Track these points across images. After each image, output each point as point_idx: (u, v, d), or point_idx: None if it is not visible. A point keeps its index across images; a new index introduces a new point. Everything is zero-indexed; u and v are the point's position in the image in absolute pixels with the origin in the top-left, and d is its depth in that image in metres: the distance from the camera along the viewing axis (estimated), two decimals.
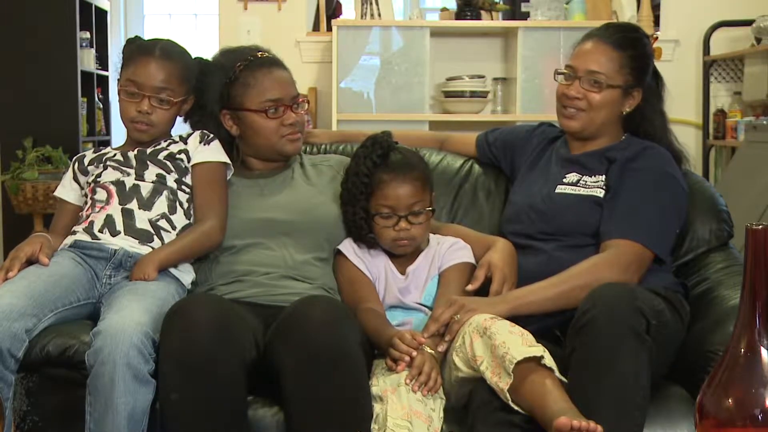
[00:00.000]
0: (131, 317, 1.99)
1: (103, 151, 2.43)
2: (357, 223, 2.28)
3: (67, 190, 2.43)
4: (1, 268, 2.15)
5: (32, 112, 5.06)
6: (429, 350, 2.03)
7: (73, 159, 2.46)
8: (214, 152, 2.37)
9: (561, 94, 2.37)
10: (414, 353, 2.00)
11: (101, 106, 5.89)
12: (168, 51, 2.37)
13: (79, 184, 2.41)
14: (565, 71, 2.38)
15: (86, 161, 2.41)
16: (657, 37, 2.32)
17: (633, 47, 2.36)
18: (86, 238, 2.25)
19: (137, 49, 2.37)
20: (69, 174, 2.44)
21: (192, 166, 2.36)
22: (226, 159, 2.38)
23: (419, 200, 2.25)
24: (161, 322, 1.99)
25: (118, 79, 2.40)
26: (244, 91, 2.37)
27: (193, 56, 2.48)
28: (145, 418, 1.96)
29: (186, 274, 2.27)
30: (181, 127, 2.49)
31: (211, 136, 2.39)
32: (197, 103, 2.45)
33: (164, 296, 2.12)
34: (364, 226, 2.28)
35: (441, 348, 2.04)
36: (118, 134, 2.31)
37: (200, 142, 2.37)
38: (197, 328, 1.94)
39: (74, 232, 2.28)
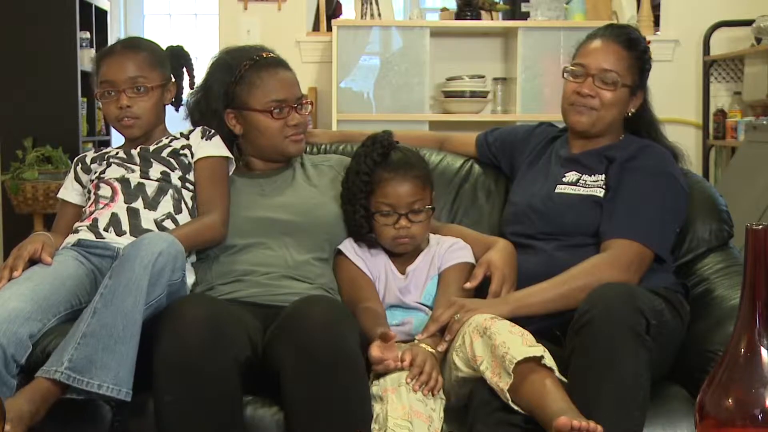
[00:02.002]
0: (166, 234, 2.10)
1: (105, 150, 2.44)
2: (357, 222, 2.28)
3: (69, 192, 2.43)
4: (5, 267, 2.14)
5: (32, 112, 5.05)
6: (430, 349, 2.03)
7: (75, 160, 2.46)
8: (216, 147, 2.38)
9: (571, 92, 2.35)
10: (391, 364, 1.97)
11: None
12: (130, 43, 2.41)
13: (81, 184, 2.42)
14: (574, 68, 2.36)
15: (88, 160, 2.42)
16: (649, 41, 2.35)
17: (638, 48, 2.37)
18: (90, 236, 2.24)
19: (102, 54, 2.42)
20: (71, 175, 2.44)
21: (195, 161, 2.36)
22: (228, 153, 2.39)
23: (419, 198, 2.25)
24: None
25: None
26: (250, 90, 2.38)
27: (172, 45, 2.52)
28: (150, 305, 1.98)
29: (188, 275, 2.26)
30: (181, 125, 2.49)
31: (212, 131, 2.40)
32: (198, 101, 2.46)
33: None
34: (365, 225, 2.28)
35: (441, 348, 2.04)
36: (118, 134, 2.31)
37: (202, 138, 2.38)
38: (189, 328, 1.94)
39: (77, 230, 2.28)
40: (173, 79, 2.45)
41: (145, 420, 1.99)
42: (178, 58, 2.49)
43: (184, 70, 2.50)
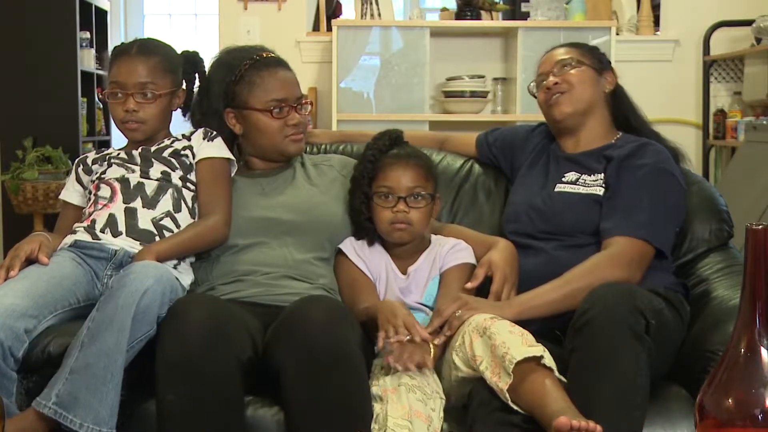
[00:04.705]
0: (160, 266, 2.07)
1: (106, 151, 2.43)
2: (357, 208, 2.29)
3: (70, 193, 2.43)
4: (2, 267, 2.15)
5: (32, 112, 5.06)
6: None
7: (76, 161, 2.46)
8: (218, 148, 2.37)
9: (542, 94, 2.44)
10: (417, 338, 1.99)
11: (101, 106, 5.89)
12: (145, 47, 2.38)
13: (82, 185, 2.41)
14: (536, 81, 2.46)
15: (89, 161, 2.41)
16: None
17: (585, 45, 2.51)
18: (87, 237, 2.24)
19: (117, 52, 2.39)
20: (72, 176, 2.44)
21: (196, 162, 2.36)
22: (229, 155, 2.39)
23: (420, 185, 2.26)
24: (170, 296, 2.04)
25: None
26: (250, 90, 2.38)
27: (187, 51, 2.50)
28: (136, 344, 1.97)
29: (185, 275, 2.27)
30: (183, 127, 2.49)
31: (214, 133, 2.40)
32: (200, 100, 2.46)
33: (171, 277, 2.12)
34: (363, 211, 2.29)
35: (438, 341, 2.05)
36: (118, 134, 2.31)
37: (204, 139, 2.38)
38: (192, 328, 1.94)
39: (75, 231, 2.28)
40: (184, 86, 2.44)
41: (147, 420, 1.99)
42: (192, 64, 2.47)
43: (196, 75, 2.49)
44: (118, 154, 2.38)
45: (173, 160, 2.35)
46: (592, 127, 2.40)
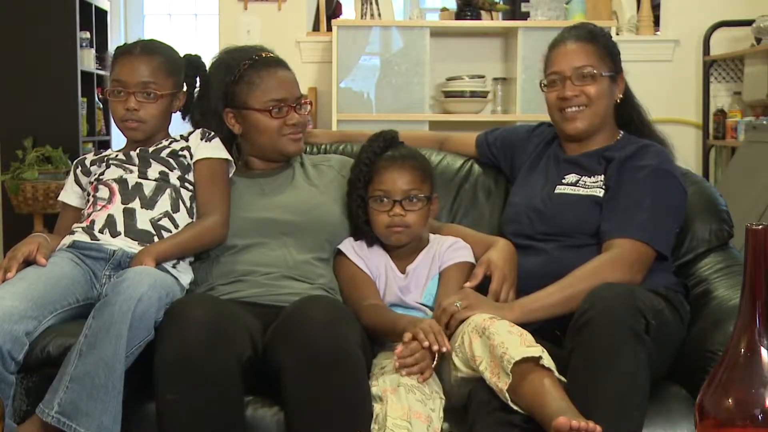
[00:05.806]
0: (154, 271, 2.06)
1: (104, 153, 2.44)
2: (354, 212, 2.29)
3: (69, 194, 2.44)
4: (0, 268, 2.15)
5: (32, 112, 5.06)
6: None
7: (74, 162, 2.46)
8: (216, 149, 2.37)
9: (555, 99, 2.37)
10: (435, 347, 1.98)
11: (101, 106, 5.89)
12: (148, 47, 2.39)
13: (80, 186, 2.42)
14: (549, 78, 2.39)
15: (88, 162, 2.42)
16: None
17: (601, 37, 2.41)
18: (85, 238, 2.24)
19: (120, 52, 2.40)
20: (71, 177, 2.44)
21: (194, 162, 2.36)
22: (227, 155, 2.39)
23: (415, 188, 2.26)
24: (166, 299, 2.03)
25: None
26: (249, 89, 2.38)
27: (190, 54, 2.50)
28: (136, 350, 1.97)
29: (184, 274, 2.27)
30: (181, 128, 2.50)
31: (212, 133, 2.40)
32: (199, 100, 2.46)
33: (167, 281, 2.11)
34: (361, 214, 2.29)
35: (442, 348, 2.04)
36: (118, 134, 2.32)
37: (201, 139, 2.38)
38: (192, 328, 1.94)
39: (73, 232, 2.28)
40: (185, 88, 2.45)
41: (147, 421, 1.99)
42: (194, 68, 2.48)
43: (197, 79, 2.49)
44: (117, 155, 2.39)
45: (171, 160, 2.35)
46: (599, 132, 2.39)
